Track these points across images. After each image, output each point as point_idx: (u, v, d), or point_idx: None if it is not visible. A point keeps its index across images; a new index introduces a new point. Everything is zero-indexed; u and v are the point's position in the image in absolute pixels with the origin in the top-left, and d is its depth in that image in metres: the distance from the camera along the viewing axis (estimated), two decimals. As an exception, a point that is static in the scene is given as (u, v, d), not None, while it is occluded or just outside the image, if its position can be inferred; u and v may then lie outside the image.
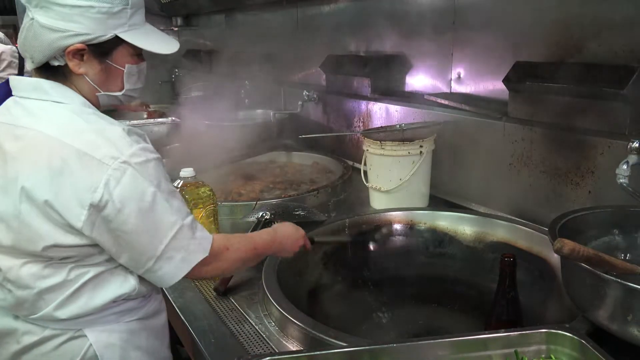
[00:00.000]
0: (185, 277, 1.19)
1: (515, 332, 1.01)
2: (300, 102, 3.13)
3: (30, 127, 1.13)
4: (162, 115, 3.45)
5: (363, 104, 2.67)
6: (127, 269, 1.21)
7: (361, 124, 2.70)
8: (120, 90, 1.25)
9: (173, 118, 3.38)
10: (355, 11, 2.80)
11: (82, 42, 1.14)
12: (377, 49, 2.68)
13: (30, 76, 1.22)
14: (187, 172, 1.65)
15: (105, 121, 1.16)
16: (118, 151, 1.08)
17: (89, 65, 1.18)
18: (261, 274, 1.50)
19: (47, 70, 1.18)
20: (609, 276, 1.07)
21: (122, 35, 1.17)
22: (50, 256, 1.13)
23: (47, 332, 1.19)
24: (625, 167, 1.35)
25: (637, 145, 1.36)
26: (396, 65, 2.56)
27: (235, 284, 1.58)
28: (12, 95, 1.21)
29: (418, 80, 2.46)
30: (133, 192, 1.08)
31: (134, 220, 1.09)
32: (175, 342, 1.54)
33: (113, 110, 1.66)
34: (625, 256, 1.35)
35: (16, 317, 1.21)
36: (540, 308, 1.51)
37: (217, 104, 3.51)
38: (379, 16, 2.62)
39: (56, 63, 1.16)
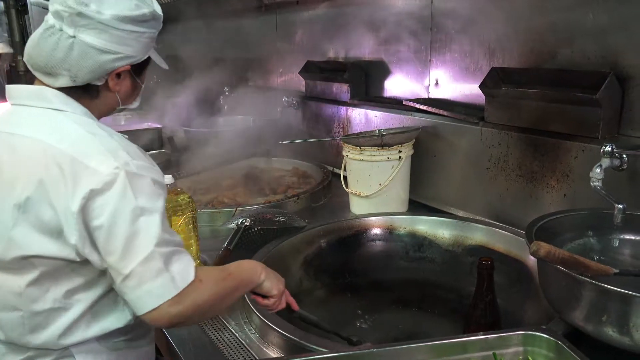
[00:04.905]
0: (150, 320, 1.08)
1: (493, 334, 1.02)
2: (279, 108, 3.13)
3: (28, 136, 1.11)
4: None
5: (342, 110, 2.68)
6: (124, 301, 1.17)
7: (341, 130, 2.71)
8: (133, 103, 1.31)
9: (149, 124, 3.35)
10: (334, 17, 2.82)
11: (130, 64, 1.19)
12: (356, 55, 2.70)
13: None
14: (165, 179, 1.63)
15: (105, 132, 1.15)
16: (111, 161, 1.07)
17: (123, 84, 1.22)
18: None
19: (79, 88, 1.17)
20: (583, 278, 1.09)
21: (152, 55, 1.26)
22: (36, 270, 1.09)
23: (32, 353, 1.15)
24: (598, 170, 1.38)
25: (609, 149, 1.39)
26: (375, 71, 2.58)
27: (215, 291, 1.57)
28: None
29: (397, 86, 2.48)
30: (116, 204, 1.06)
31: (110, 234, 1.06)
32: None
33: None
34: (600, 258, 1.38)
35: None
36: (518, 310, 1.52)
37: (196, 110, 3.50)
38: (357, 22, 2.63)
39: (98, 82, 1.18)
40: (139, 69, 1.25)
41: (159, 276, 1.06)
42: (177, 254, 1.10)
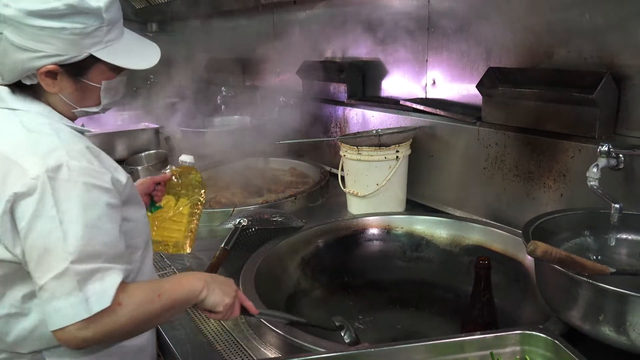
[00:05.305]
0: (58, 339, 1.01)
1: (491, 334, 1.02)
2: (277, 108, 3.13)
3: None
4: None
5: (340, 110, 2.69)
6: None
7: (338, 130, 2.71)
8: (97, 105, 1.20)
9: (146, 124, 3.35)
10: (331, 17, 2.82)
11: (55, 64, 1.08)
12: (353, 55, 2.70)
13: None
14: (186, 157, 1.62)
15: (52, 131, 1.09)
16: (41, 162, 1.02)
17: (62, 85, 1.12)
18: (238, 281, 1.49)
19: (18, 86, 1.13)
20: (580, 277, 1.09)
21: (98, 54, 1.11)
22: None
23: (5, 355, 1.13)
24: (595, 170, 1.38)
25: (606, 148, 1.39)
26: (372, 71, 2.58)
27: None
28: None
29: (394, 86, 2.48)
30: (35, 211, 1.00)
31: (27, 240, 1.01)
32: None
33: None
34: (597, 257, 1.38)
35: None
36: (516, 310, 1.53)
37: (193, 110, 3.50)
38: (354, 22, 2.64)
39: (28, 82, 1.11)
40: (78, 69, 1.12)
41: (70, 295, 0.99)
42: (101, 272, 1.01)
